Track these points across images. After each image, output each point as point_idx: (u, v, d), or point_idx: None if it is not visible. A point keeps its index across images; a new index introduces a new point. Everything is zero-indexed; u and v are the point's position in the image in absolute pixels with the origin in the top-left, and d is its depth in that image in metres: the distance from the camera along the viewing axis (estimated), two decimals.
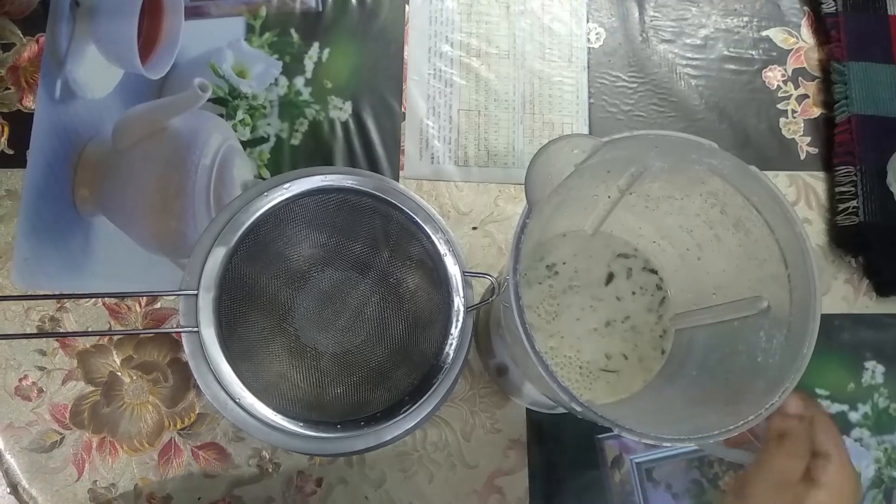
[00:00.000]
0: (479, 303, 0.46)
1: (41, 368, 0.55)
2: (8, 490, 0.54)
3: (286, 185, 0.46)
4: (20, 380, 0.55)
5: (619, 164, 0.42)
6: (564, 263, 0.50)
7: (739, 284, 0.44)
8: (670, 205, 0.46)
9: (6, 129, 0.59)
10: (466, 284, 0.46)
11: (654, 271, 0.51)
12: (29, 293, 0.56)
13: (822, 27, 0.64)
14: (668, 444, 0.36)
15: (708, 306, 0.47)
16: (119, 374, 0.56)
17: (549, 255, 0.50)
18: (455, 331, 0.45)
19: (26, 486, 0.54)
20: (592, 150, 0.36)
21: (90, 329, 0.56)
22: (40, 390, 0.55)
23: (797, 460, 0.36)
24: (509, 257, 0.37)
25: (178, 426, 0.55)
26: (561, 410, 0.54)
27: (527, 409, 0.56)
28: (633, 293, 0.51)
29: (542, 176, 0.36)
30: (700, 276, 0.48)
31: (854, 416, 0.58)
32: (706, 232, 0.46)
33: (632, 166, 0.43)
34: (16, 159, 0.59)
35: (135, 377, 0.56)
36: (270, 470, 0.55)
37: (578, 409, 0.35)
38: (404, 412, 0.43)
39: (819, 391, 0.58)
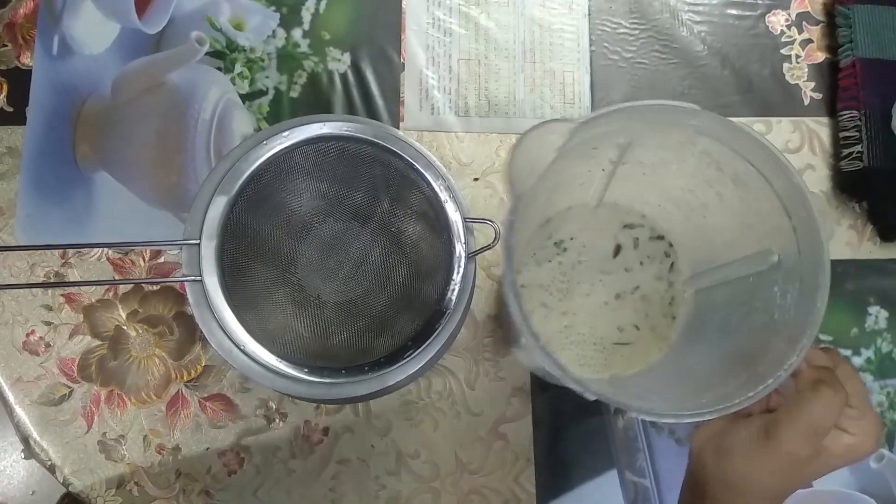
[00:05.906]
0: (481, 248, 0.46)
1: (48, 323, 0.56)
2: (22, 451, 0.55)
3: (285, 134, 0.45)
4: (27, 335, 0.56)
5: (604, 138, 0.41)
6: (572, 239, 0.50)
7: (748, 240, 0.43)
8: (666, 169, 0.45)
9: (5, 87, 0.59)
10: (468, 231, 0.46)
11: (661, 237, 0.50)
12: None
13: None
14: (688, 421, 0.35)
15: (719, 265, 0.46)
16: (125, 327, 0.56)
17: (557, 231, 0.50)
18: (457, 277, 0.45)
19: (37, 439, 0.55)
20: (570, 133, 0.36)
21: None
22: (48, 345, 0.56)
23: (832, 410, 0.36)
24: (503, 262, 0.35)
25: (185, 378, 0.56)
26: None
27: None
28: (641, 263, 0.50)
29: (523, 167, 0.35)
30: (709, 235, 0.47)
31: (857, 361, 0.58)
32: (707, 190, 0.45)
33: (618, 138, 0.42)
34: (15, 116, 0.58)
35: (140, 331, 0.56)
36: (277, 420, 0.55)
37: (591, 398, 0.35)
38: (407, 357, 0.44)
39: (822, 336, 0.58)
